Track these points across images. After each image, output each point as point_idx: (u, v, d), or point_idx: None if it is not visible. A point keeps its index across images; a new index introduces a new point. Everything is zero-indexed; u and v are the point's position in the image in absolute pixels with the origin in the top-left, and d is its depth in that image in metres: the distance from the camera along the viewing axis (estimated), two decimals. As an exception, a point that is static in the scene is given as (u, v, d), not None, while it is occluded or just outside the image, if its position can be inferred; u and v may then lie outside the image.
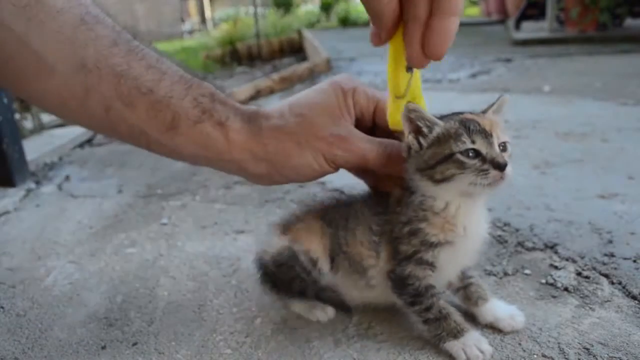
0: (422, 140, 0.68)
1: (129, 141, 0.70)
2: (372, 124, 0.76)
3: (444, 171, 0.66)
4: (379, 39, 0.61)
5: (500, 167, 0.64)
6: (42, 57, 0.59)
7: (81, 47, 0.60)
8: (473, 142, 0.66)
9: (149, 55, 0.64)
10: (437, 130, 0.68)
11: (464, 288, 0.80)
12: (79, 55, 0.60)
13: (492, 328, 0.78)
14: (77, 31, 0.59)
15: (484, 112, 0.72)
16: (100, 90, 0.61)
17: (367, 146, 0.70)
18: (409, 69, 0.65)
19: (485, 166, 0.65)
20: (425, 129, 0.68)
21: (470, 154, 0.66)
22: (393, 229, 0.73)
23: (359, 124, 0.74)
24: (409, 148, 0.69)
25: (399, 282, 0.73)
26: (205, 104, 0.66)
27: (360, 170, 0.78)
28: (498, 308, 0.79)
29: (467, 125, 0.67)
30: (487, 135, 0.66)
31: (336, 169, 0.73)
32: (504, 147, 0.68)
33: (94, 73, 0.61)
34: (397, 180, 0.73)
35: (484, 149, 0.66)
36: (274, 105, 0.73)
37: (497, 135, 0.67)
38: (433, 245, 0.71)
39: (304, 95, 0.73)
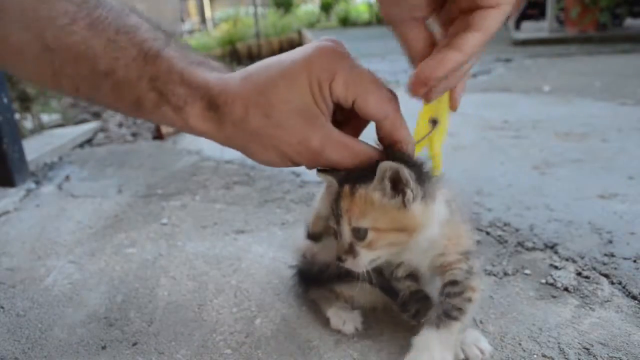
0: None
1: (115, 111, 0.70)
2: (350, 113, 0.63)
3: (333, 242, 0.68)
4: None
5: (338, 259, 0.63)
6: (9, 41, 0.58)
7: (43, 27, 0.57)
8: (336, 223, 0.63)
9: (110, 27, 0.59)
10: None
11: (443, 297, 0.70)
12: (41, 36, 0.57)
13: (493, 327, 0.78)
14: (38, 10, 0.57)
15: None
16: (65, 71, 0.60)
17: (340, 156, 0.61)
18: (433, 122, 0.66)
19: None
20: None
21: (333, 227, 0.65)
22: None
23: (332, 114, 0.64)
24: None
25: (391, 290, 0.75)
26: (161, 86, 0.60)
27: None
28: (423, 343, 0.68)
29: (335, 204, 0.63)
30: (339, 217, 0.62)
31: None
32: (359, 233, 0.60)
33: (56, 53, 0.58)
34: None
35: (336, 229, 0.63)
36: (240, 73, 0.62)
37: (350, 220, 0.60)
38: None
39: (272, 77, 0.60)
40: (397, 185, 0.59)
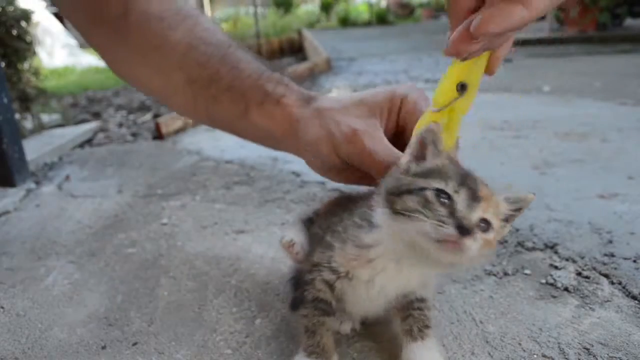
0: (412, 165, 0.60)
1: (230, 131, 0.87)
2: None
3: (406, 202, 0.56)
4: (451, 47, 0.55)
5: (462, 229, 0.52)
6: (169, 82, 0.83)
7: (189, 67, 0.80)
8: (455, 191, 0.56)
9: (231, 61, 0.80)
10: (436, 162, 0.59)
11: (403, 319, 0.69)
12: (189, 74, 0.80)
13: (493, 327, 0.78)
14: (187, 56, 0.79)
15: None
16: (200, 95, 0.81)
17: (377, 149, 0.69)
18: (462, 87, 0.60)
19: (448, 220, 0.53)
20: (429, 156, 0.60)
21: (442, 199, 0.55)
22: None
23: (395, 132, 0.77)
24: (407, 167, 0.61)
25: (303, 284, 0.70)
26: (269, 88, 0.78)
27: (364, 177, 0.77)
28: (419, 353, 0.67)
29: (465, 179, 0.57)
30: (475, 198, 0.56)
31: (343, 163, 0.74)
32: (484, 225, 0.56)
33: (196, 84, 0.80)
34: None
35: (460, 205, 0.55)
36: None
37: (485, 210, 0.56)
38: (332, 271, 0.66)
39: (361, 92, 0.78)
40: (513, 215, 0.61)
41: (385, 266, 0.63)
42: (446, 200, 0.55)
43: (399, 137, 0.75)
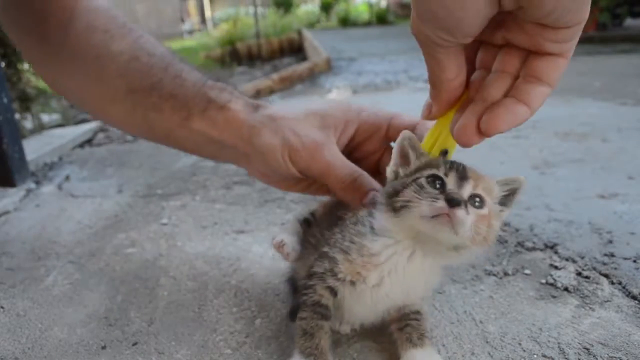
0: (400, 170, 0.64)
1: (164, 142, 0.85)
2: (384, 139, 0.78)
3: (404, 195, 0.59)
4: (429, 113, 0.59)
5: (451, 201, 0.55)
6: (107, 91, 0.81)
7: (130, 76, 0.79)
8: (445, 174, 0.59)
9: (175, 70, 0.80)
10: (421, 160, 0.63)
11: (400, 329, 0.71)
12: (130, 84, 0.79)
13: (493, 327, 0.78)
14: (129, 65, 0.79)
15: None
16: (141, 104, 0.80)
17: (336, 162, 0.71)
18: (444, 154, 0.63)
19: (439, 196, 0.56)
20: (412, 159, 0.64)
21: (433, 182, 0.59)
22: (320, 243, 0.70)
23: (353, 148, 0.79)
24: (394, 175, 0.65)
25: (301, 288, 0.70)
26: (212, 95, 0.77)
27: (321, 189, 0.81)
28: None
29: (453, 165, 0.61)
30: (463, 177, 0.60)
31: (299, 174, 0.74)
32: (477, 201, 0.59)
33: (138, 93, 0.79)
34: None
35: (450, 185, 0.59)
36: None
37: (475, 186, 0.59)
38: (337, 278, 0.66)
39: (316, 102, 0.81)
40: (505, 200, 0.64)
41: (391, 270, 0.64)
42: (438, 183, 0.59)
43: (352, 151, 0.79)
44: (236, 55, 6.28)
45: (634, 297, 0.85)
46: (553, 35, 0.46)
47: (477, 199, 0.59)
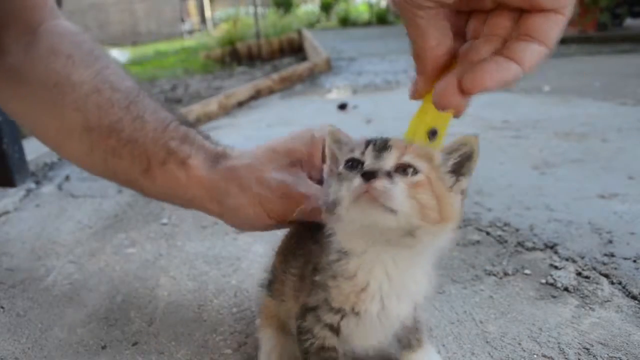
0: (334, 169, 0.57)
1: (129, 187, 0.80)
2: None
3: (330, 193, 0.53)
4: (415, 90, 0.54)
5: (366, 175, 0.48)
6: (64, 120, 0.75)
7: (88, 111, 0.73)
8: (362, 153, 0.53)
9: (137, 110, 0.74)
10: (346, 149, 0.56)
11: (398, 336, 0.67)
12: (87, 119, 0.73)
13: (493, 327, 0.78)
14: (88, 99, 0.73)
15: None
16: (99, 146, 0.74)
17: (314, 193, 0.66)
18: (432, 134, 0.56)
19: (355, 175, 0.50)
20: (339, 153, 0.58)
21: (350, 164, 0.53)
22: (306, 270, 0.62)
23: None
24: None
25: (297, 334, 0.61)
26: (173, 146, 0.72)
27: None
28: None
29: (370, 141, 0.54)
30: (383, 148, 0.52)
31: (278, 222, 0.69)
32: (404, 170, 0.50)
33: (95, 132, 0.73)
34: None
35: (368, 161, 0.51)
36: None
37: (401, 155, 0.52)
38: (335, 311, 0.58)
39: (272, 140, 0.73)
40: (459, 168, 0.55)
41: (376, 291, 0.57)
42: (354, 164, 0.52)
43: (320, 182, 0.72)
44: (236, 55, 6.29)
45: (634, 297, 0.85)
46: None
47: (407, 167, 0.51)
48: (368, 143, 0.53)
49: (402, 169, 0.51)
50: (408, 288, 0.58)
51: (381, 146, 0.52)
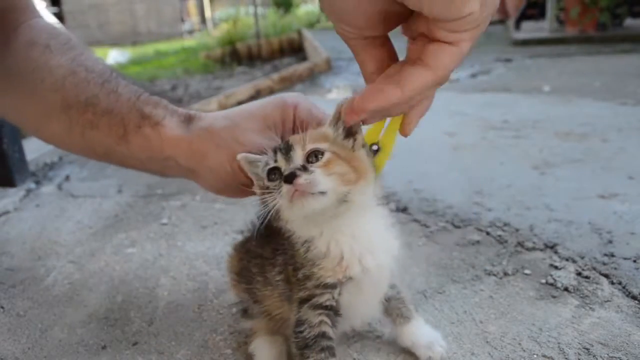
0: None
1: (106, 160, 0.83)
2: None
3: (265, 204, 0.60)
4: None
5: (287, 178, 0.55)
6: (43, 106, 0.79)
7: (66, 91, 0.77)
8: (275, 160, 0.61)
9: (111, 86, 0.78)
10: (263, 166, 0.64)
11: (387, 301, 0.72)
12: (65, 98, 0.77)
13: (493, 327, 0.78)
14: (65, 80, 0.77)
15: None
16: (77, 122, 0.78)
17: None
18: (375, 150, 0.64)
19: (280, 183, 0.57)
20: (258, 172, 0.64)
21: (272, 176, 0.61)
22: (288, 271, 0.66)
23: None
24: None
25: (293, 328, 0.65)
26: (147, 110, 0.76)
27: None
28: (418, 333, 0.73)
29: (276, 147, 0.62)
30: (288, 149, 0.60)
31: (248, 180, 0.72)
32: (314, 156, 0.59)
33: (72, 109, 0.77)
34: None
35: (283, 165, 0.60)
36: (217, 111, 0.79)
37: (303, 147, 0.60)
38: (331, 286, 0.62)
39: (245, 104, 0.77)
40: (350, 131, 0.62)
41: (349, 247, 0.62)
42: (274, 174, 0.61)
43: None
44: (236, 55, 6.28)
45: (634, 297, 0.85)
46: (442, 24, 0.46)
47: (314, 153, 0.59)
48: (275, 151, 0.62)
49: (312, 156, 0.59)
50: (375, 242, 0.63)
51: (286, 148, 0.61)
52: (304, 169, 0.57)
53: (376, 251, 0.63)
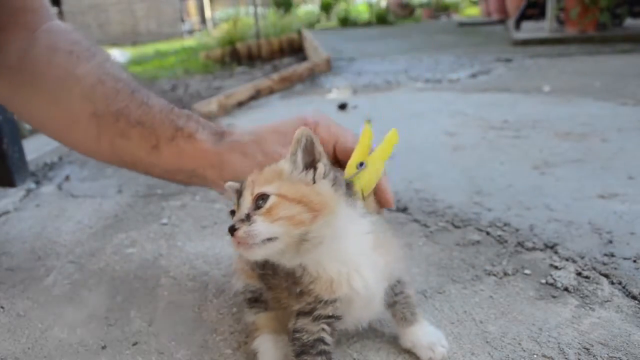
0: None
1: (133, 168, 0.85)
2: (333, 159, 0.77)
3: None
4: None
5: (230, 230, 0.57)
6: (72, 109, 0.80)
7: (96, 100, 0.79)
8: (235, 204, 0.61)
9: (141, 96, 0.80)
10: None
11: (392, 305, 0.71)
12: (94, 106, 0.79)
13: (493, 327, 0.78)
14: (94, 89, 0.79)
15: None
16: (107, 131, 0.80)
17: None
18: (360, 165, 0.67)
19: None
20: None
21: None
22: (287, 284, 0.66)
23: None
24: None
25: (291, 335, 0.65)
26: (180, 123, 0.79)
27: None
28: (420, 334, 0.72)
29: (237, 190, 0.63)
30: (240, 194, 0.61)
31: None
32: (259, 201, 0.58)
33: (102, 118, 0.79)
34: None
35: (237, 210, 0.60)
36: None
37: (251, 193, 0.59)
38: (331, 302, 0.62)
39: (270, 123, 0.81)
40: (310, 161, 0.61)
41: (336, 270, 0.61)
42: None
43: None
44: (236, 55, 6.28)
45: (634, 297, 0.85)
46: None
47: (259, 199, 0.58)
48: (236, 193, 0.62)
49: (259, 200, 0.57)
50: (360, 262, 0.62)
51: (239, 192, 0.60)
52: (248, 217, 0.57)
53: (365, 272, 0.62)
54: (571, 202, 1.28)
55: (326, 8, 15.01)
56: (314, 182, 0.60)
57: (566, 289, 0.89)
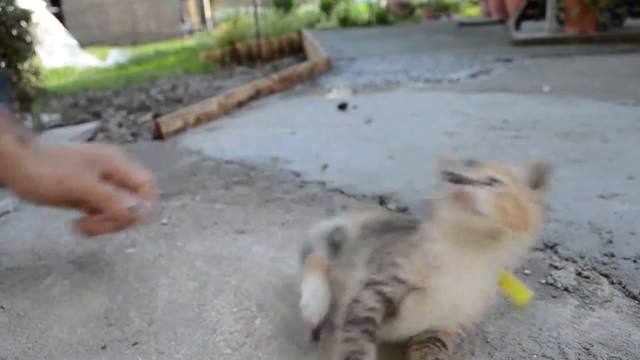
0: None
1: None
2: (120, 183, 0.98)
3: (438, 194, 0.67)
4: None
5: (458, 180, 0.63)
6: None
7: None
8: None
9: None
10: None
11: (418, 349, 0.67)
12: None
13: (493, 327, 0.78)
14: None
15: None
16: None
17: (98, 187, 0.91)
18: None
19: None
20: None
21: (449, 176, 0.66)
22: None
23: None
24: None
25: (347, 304, 0.65)
26: None
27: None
28: None
29: (468, 160, 0.69)
30: (472, 164, 0.67)
31: (70, 202, 0.93)
32: (494, 182, 0.63)
33: None
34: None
35: (463, 173, 0.66)
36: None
37: (485, 171, 0.65)
38: (403, 282, 0.63)
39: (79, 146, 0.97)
40: (534, 184, 0.64)
41: (449, 272, 0.63)
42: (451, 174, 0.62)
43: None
44: (236, 55, 6.28)
45: (634, 297, 0.85)
46: None
47: (493, 180, 0.60)
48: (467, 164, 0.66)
49: (490, 181, 0.59)
50: (473, 284, 0.64)
51: (471, 163, 0.65)
52: (471, 182, 0.59)
53: (464, 293, 0.64)
54: (571, 202, 1.28)
55: (326, 8, 15.00)
56: (536, 203, 0.62)
57: (566, 289, 0.89)
